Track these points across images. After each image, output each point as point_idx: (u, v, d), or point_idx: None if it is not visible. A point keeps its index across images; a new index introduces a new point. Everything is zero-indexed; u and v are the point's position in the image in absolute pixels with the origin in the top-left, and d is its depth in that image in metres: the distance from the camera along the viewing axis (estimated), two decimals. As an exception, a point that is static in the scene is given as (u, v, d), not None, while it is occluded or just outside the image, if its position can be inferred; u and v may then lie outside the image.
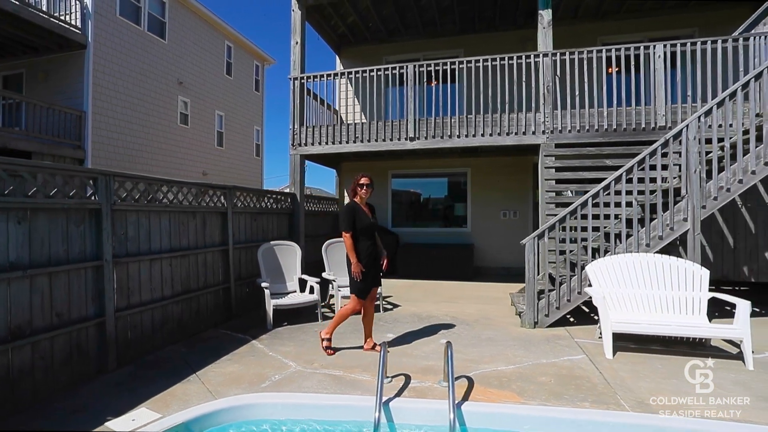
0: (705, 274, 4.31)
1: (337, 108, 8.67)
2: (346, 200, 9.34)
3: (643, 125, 5.71)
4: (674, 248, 5.52)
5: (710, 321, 4.19)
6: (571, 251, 5.14)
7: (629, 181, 4.68)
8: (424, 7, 7.82)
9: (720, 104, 4.53)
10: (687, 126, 4.55)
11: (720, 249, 5.71)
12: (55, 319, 3.30)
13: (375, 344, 4.16)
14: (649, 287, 4.38)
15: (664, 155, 4.76)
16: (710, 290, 4.28)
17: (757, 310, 5.78)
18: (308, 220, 8.08)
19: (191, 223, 4.95)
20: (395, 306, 6.18)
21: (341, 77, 7.11)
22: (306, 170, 7.38)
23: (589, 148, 5.81)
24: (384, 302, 6.37)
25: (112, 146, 9.41)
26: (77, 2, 8.64)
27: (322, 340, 4.14)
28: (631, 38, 7.84)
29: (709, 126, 4.54)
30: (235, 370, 3.73)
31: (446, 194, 9.15)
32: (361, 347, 4.19)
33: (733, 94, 4.50)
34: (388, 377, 3.44)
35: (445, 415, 2.64)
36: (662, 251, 4.71)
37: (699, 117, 4.53)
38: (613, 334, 4.35)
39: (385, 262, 4.23)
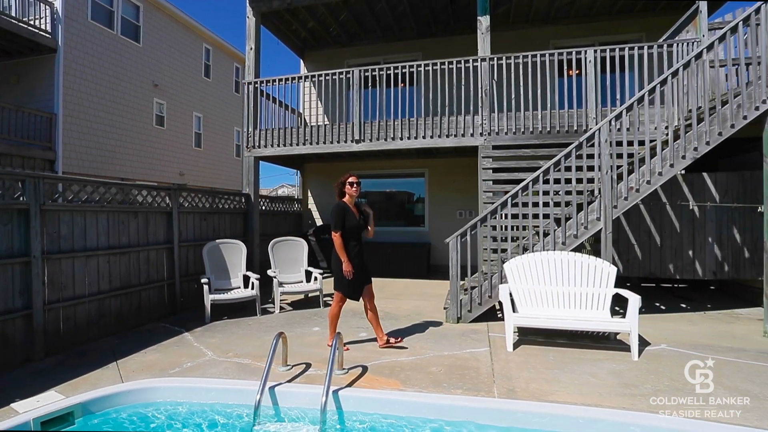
0: (612, 271, 4.51)
1: (301, 111, 8.92)
2: (310, 201, 9.64)
3: (576, 127, 5.91)
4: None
5: (613, 316, 4.40)
6: (503, 250, 5.34)
7: (546, 182, 4.89)
8: (380, 14, 8.04)
9: (629, 109, 4.73)
10: (599, 129, 4.76)
11: (648, 247, 5.92)
12: (-24, 310, 3.54)
13: (388, 339, 4.17)
14: (561, 284, 4.58)
15: (590, 156, 4.96)
16: (645, 285, 4.48)
17: (684, 306, 6.01)
18: (268, 220, 8.33)
19: (132, 222, 5.19)
20: (339, 302, 6.40)
21: (296, 81, 7.33)
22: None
23: (524, 150, 6.01)
24: (329, 298, 6.60)
25: (84, 147, 9.67)
26: (47, 7, 8.91)
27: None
28: (582, 42, 8.05)
29: (618, 129, 4.75)
30: (154, 358, 3.97)
31: (406, 194, 9.37)
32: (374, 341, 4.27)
33: (641, 99, 4.70)
34: (288, 365, 3.68)
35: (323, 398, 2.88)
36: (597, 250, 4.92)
37: (610, 121, 4.74)
38: (522, 328, 4.61)
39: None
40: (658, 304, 6.07)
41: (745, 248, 5.67)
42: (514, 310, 4.46)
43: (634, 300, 3.98)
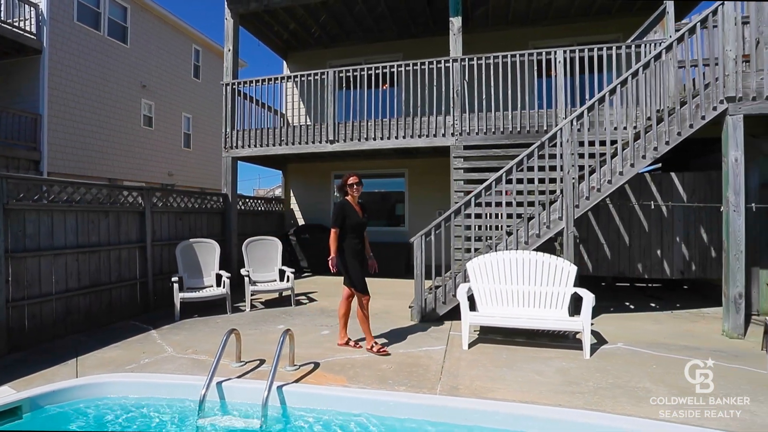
0: (572, 270, 4.55)
1: (283, 112, 8.99)
2: (293, 201, 9.70)
3: (545, 127, 5.95)
4: (575, 245, 5.78)
5: (572, 314, 4.45)
6: (470, 249, 5.38)
7: (509, 182, 4.94)
8: (359, 15, 8.10)
9: (590, 109, 4.78)
10: (561, 129, 4.80)
11: (617, 247, 5.96)
12: (-66, 307, 3.61)
13: (373, 344, 4.05)
14: (523, 283, 4.61)
15: (554, 156, 5.01)
16: (619, 284, 4.51)
17: (653, 305, 6.05)
18: (248, 219, 8.39)
19: (103, 221, 5.26)
20: (311, 300, 6.47)
21: (273, 82, 7.39)
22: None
23: (495, 150, 6.05)
24: (304, 297, 6.67)
25: (70, 147, 9.77)
26: (32, 9, 9.01)
27: (345, 345, 4.15)
28: (561, 42, 8.06)
29: (579, 129, 4.79)
30: (115, 355, 4.04)
31: (387, 194, 9.42)
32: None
33: (602, 99, 4.74)
34: (242, 361, 3.74)
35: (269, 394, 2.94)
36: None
37: (572, 121, 4.78)
38: (484, 327, 4.66)
39: (374, 265, 4.28)
40: (628, 304, 6.11)
41: (711, 248, 5.70)
42: (475, 308, 4.52)
43: (587, 299, 4.02)
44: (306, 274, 8.74)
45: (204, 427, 2.94)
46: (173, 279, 5.48)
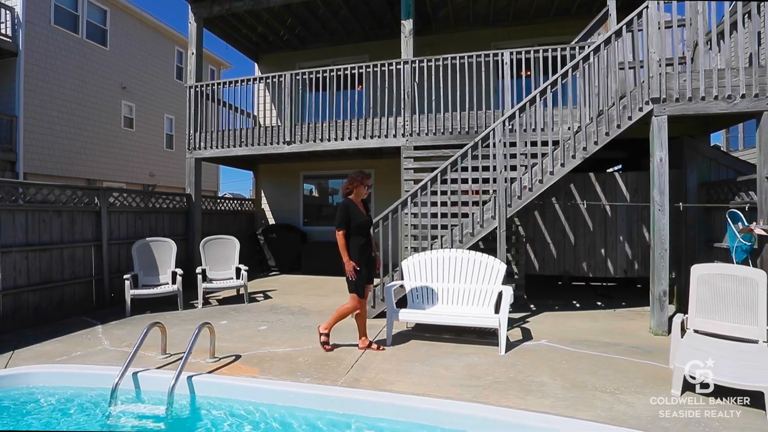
0: (502, 268, 4.65)
1: (255, 113, 9.14)
2: (263, 201, 9.84)
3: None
4: (523, 245, 5.90)
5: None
6: (423, 248, 5.46)
7: (444, 182, 5.05)
8: (324, 18, 8.24)
9: (522, 110, 4.88)
10: (494, 129, 4.91)
11: (563, 246, 6.05)
12: None
13: (371, 342, 4.11)
14: (455, 281, 4.72)
15: (489, 157, 5.11)
16: (575, 283, 4.61)
17: (600, 304, 6.13)
18: (216, 219, 8.54)
19: (56, 220, 5.42)
20: (267, 298, 6.61)
21: (236, 84, 7.53)
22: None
23: (444, 150, 6.16)
24: (261, 295, 6.81)
25: (47, 149, 9.97)
26: (8, 12, 9.21)
27: (321, 335, 4.04)
28: (522, 43, 8.13)
29: (511, 130, 4.89)
30: (52, 348, 4.19)
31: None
32: (356, 345, 4.13)
33: (532, 101, 4.84)
34: (167, 354, 3.88)
35: (178, 383, 3.12)
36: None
37: (504, 121, 4.89)
38: (418, 324, 4.78)
39: (380, 264, 4.23)
40: (575, 302, 6.19)
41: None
42: (406, 306, 4.64)
43: (506, 295, 4.13)
44: (273, 273, 8.88)
45: (113, 414, 3.09)
46: (125, 276, 5.63)
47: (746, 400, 2.85)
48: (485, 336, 4.57)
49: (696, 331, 3.79)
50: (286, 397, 3.07)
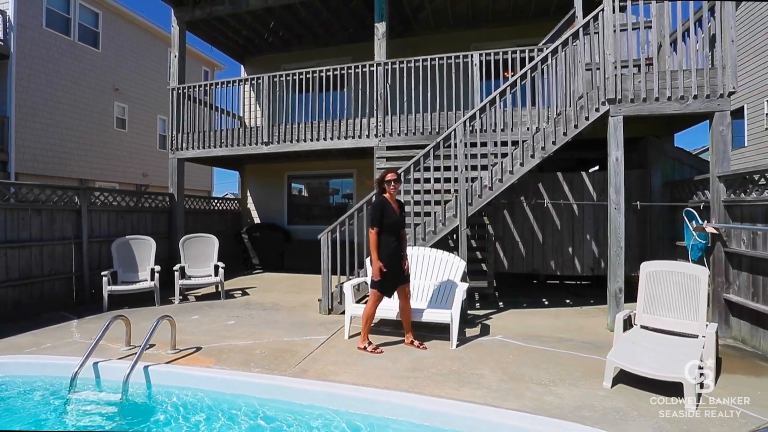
0: (462, 265, 4.78)
1: (240, 114, 9.30)
2: (249, 200, 10.00)
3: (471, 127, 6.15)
4: (491, 244, 5.99)
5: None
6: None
7: (407, 181, 5.17)
8: (306, 21, 8.37)
9: (482, 110, 4.99)
10: (455, 130, 5.03)
11: (531, 245, 6.16)
12: None
13: (413, 339, 4.13)
14: (418, 278, 4.85)
15: (451, 157, 5.22)
16: (550, 282, 4.73)
17: (568, 301, 6.22)
18: (200, 218, 8.70)
19: (35, 218, 5.59)
20: (244, 294, 6.77)
21: (217, 86, 7.69)
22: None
23: (415, 150, 6.24)
24: (239, 291, 6.96)
25: (39, 149, 10.21)
26: None
27: (364, 349, 3.96)
28: (503, 44, 8.20)
29: (471, 131, 5.00)
30: (25, 340, 4.37)
31: (337, 194, 9.70)
32: (402, 341, 4.20)
33: (492, 102, 4.96)
34: (130, 345, 4.05)
35: (134, 372, 3.33)
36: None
37: (465, 122, 5.00)
38: (380, 320, 4.88)
39: (408, 264, 4.15)
40: (544, 300, 6.28)
41: (620, 245, 5.85)
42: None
43: (459, 291, 4.25)
44: (257, 271, 9.04)
45: (72, 400, 3.26)
46: (103, 273, 5.80)
47: (671, 390, 2.95)
48: (442, 331, 4.67)
49: (643, 327, 3.91)
50: (232, 386, 3.23)
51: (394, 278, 3.95)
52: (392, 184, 3.99)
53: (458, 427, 2.66)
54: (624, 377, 3.21)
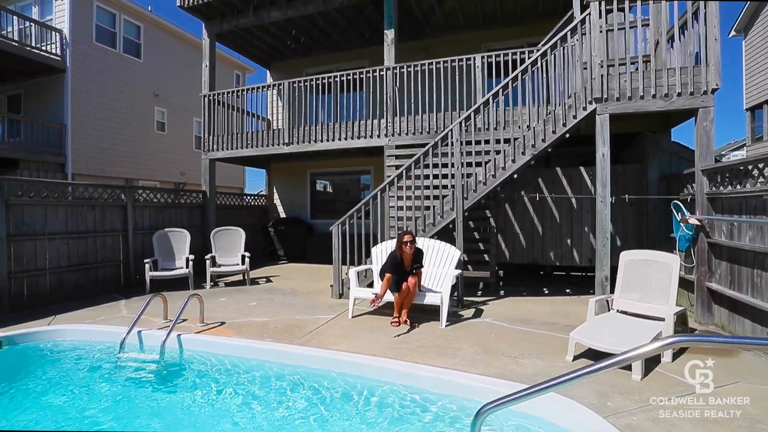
0: (456, 254, 5.23)
1: (269, 117, 10.06)
2: (276, 196, 10.75)
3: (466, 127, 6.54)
4: (493, 236, 6.38)
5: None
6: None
7: (409, 177, 5.65)
8: (324, 29, 8.94)
9: (477, 111, 5.38)
10: (451, 130, 5.45)
11: (531, 236, 6.49)
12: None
13: (407, 319, 4.65)
14: (416, 265, 5.32)
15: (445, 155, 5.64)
16: (556, 273, 5.16)
17: (568, 291, 6.50)
18: (230, 213, 9.51)
19: (90, 213, 6.51)
20: (267, 281, 7.48)
21: (246, 92, 8.43)
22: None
23: (421, 149, 6.69)
24: (264, 279, 7.68)
25: (91, 151, 11.42)
26: (57, 34, 10.64)
27: (395, 320, 4.65)
28: (514, 44, 8.48)
29: (467, 130, 5.40)
30: (84, 314, 5.22)
31: (356, 189, 10.27)
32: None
33: (486, 102, 5.34)
34: (167, 319, 4.77)
35: (169, 339, 4.05)
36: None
37: (461, 122, 5.41)
38: (386, 303, 5.40)
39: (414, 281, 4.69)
40: (545, 289, 6.59)
41: (617, 237, 6.09)
42: (372, 286, 5.30)
43: (449, 276, 4.70)
44: (281, 262, 9.79)
45: (122, 359, 4.02)
46: (146, 261, 6.66)
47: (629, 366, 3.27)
48: (436, 313, 5.13)
49: (621, 311, 4.23)
50: (248, 351, 3.87)
51: (396, 284, 4.61)
52: (408, 245, 4.59)
53: (430, 387, 3.15)
54: (588, 354, 3.58)
